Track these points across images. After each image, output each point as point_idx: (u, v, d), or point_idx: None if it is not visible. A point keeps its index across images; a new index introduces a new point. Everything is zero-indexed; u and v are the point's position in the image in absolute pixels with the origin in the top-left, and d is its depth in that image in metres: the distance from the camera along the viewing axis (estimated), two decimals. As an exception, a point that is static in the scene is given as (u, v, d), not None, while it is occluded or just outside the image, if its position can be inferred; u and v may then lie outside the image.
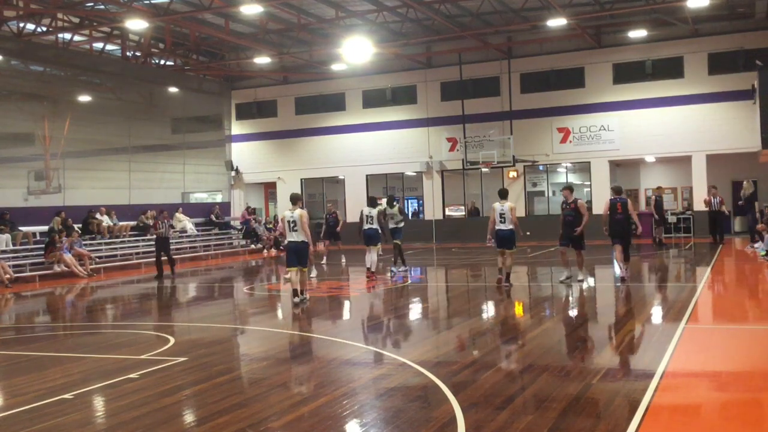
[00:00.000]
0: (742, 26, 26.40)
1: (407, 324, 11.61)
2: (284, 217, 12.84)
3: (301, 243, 12.68)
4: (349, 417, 6.25)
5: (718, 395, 6.69)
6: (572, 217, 14.31)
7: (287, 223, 12.69)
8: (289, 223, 12.67)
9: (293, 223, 12.60)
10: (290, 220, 12.64)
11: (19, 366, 8.79)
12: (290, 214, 12.67)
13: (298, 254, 12.76)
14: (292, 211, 12.69)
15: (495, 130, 29.18)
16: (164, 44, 28.61)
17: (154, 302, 15.65)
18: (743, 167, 26.88)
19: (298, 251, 12.74)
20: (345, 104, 32.33)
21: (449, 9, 25.20)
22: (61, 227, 21.16)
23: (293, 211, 12.67)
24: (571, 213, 14.37)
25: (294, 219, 12.59)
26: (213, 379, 7.68)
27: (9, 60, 25.56)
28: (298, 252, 12.74)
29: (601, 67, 28.42)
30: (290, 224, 12.65)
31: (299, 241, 12.68)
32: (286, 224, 12.71)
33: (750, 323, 10.46)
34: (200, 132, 33.76)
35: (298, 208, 12.76)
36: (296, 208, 12.70)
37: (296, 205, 12.81)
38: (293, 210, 12.69)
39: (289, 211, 12.76)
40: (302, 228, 12.61)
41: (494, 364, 7.86)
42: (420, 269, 18.48)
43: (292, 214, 12.65)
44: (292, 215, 12.65)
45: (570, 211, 14.39)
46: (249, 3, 21.39)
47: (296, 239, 12.68)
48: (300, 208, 12.78)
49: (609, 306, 12.57)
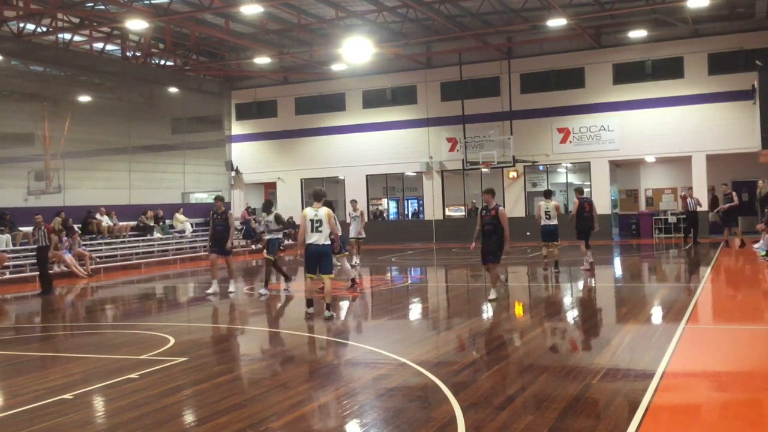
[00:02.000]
0: (742, 26, 26.40)
1: (407, 324, 11.60)
2: (305, 215, 11.41)
3: (324, 246, 11.29)
4: (349, 417, 6.25)
5: (718, 395, 6.69)
6: (492, 226, 12.39)
7: (310, 222, 11.27)
8: (312, 222, 11.28)
9: (318, 223, 11.26)
10: (314, 219, 11.28)
11: (19, 366, 8.79)
12: (313, 213, 11.32)
13: (320, 259, 11.35)
14: (316, 210, 11.35)
15: (495, 130, 29.19)
16: (164, 44, 28.62)
17: (154, 302, 15.65)
18: (743, 167, 26.90)
19: (320, 255, 11.32)
20: (345, 104, 32.34)
21: (449, 9, 25.20)
22: (61, 227, 21.16)
23: (318, 209, 11.35)
24: (491, 222, 12.42)
25: (320, 218, 11.26)
26: (213, 379, 7.68)
27: (9, 60, 25.57)
28: (320, 256, 11.33)
29: (601, 67, 28.42)
30: (314, 224, 11.28)
31: (321, 244, 11.26)
32: (308, 223, 11.28)
33: (750, 323, 10.45)
34: (200, 132, 33.78)
35: (323, 206, 11.48)
36: (321, 206, 11.41)
37: (320, 202, 11.51)
38: (317, 208, 11.37)
39: (311, 209, 11.41)
40: (330, 228, 11.39)
41: (494, 364, 7.86)
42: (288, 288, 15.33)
43: (317, 212, 11.31)
44: (316, 213, 11.30)
45: (490, 219, 12.44)
46: (249, 3, 21.40)
47: (319, 241, 11.25)
48: (325, 206, 11.49)
49: (609, 306, 12.57)
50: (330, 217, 11.35)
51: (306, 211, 11.42)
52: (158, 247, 25.40)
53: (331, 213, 11.40)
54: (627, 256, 22.44)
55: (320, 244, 11.23)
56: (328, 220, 11.28)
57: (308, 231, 11.24)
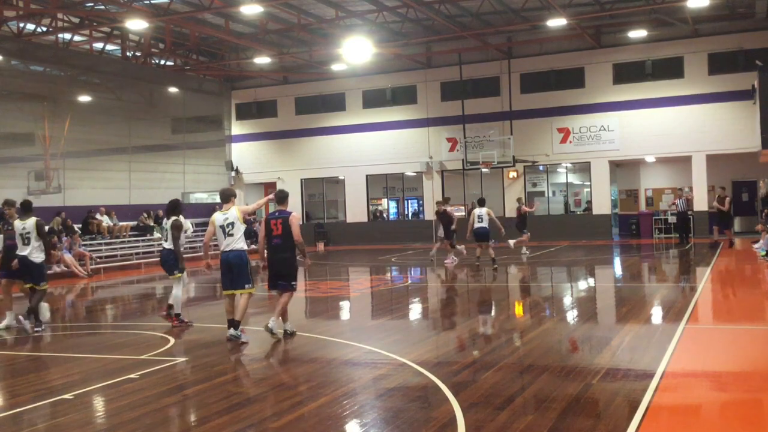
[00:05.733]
0: (742, 26, 26.39)
1: (407, 324, 11.60)
2: (213, 221, 9.73)
3: (239, 252, 9.58)
4: (349, 417, 6.25)
5: (718, 395, 6.69)
6: (280, 240, 9.61)
7: (220, 229, 9.61)
8: (223, 228, 9.59)
9: (230, 226, 9.58)
10: (224, 223, 9.61)
11: (19, 366, 8.79)
12: (222, 217, 9.62)
13: (232, 270, 9.57)
14: (225, 213, 9.63)
15: (495, 130, 29.19)
16: (164, 44, 28.61)
17: (154, 302, 15.64)
18: (743, 167, 26.90)
19: (233, 266, 9.57)
20: (345, 104, 32.34)
21: (449, 9, 25.20)
22: (61, 227, 21.16)
23: (226, 211, 9.64)
24: (279, 237, 9.62)
25: (231, 221, 9.59)
26: (213, 379, 7.68)
27: (9, 60, 25.58)
28: (233, 267, 9.57)
29: (601, 67, 28.41)
30: (225, 229, 9.59)
31: (235, 250, 9.57)
32: (218, 230, 9.62)
33: (750, 323, 10.45)
34: (200, 132, 33.78)
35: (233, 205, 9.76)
36: (231, 207, 9.70)
37: (229, 203, 9.78)
38: (226, 210, 9.66)
39: (220, 213, 9.68)
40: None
41: (494, 364, 7.86)
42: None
43: (226, 215, 9.61)
44: (226, 217, 9.60)
45: (278, 234, 9.62)
46: (249, 3, 21.40)
47: (232, 246, 9.56)
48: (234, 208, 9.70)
49: (609, 306, 12.57)
50: (244, 214, 9.73)
51: (214, 217, 9.72)
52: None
53: (243, 209, 9.87)
54: (627, 256, 22.44)
55: (234, 250, 9.53)
56: (240, 220, 9.60)
57: (219, 238, 9.62)
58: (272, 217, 9.71)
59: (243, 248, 9.63)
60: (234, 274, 9.59)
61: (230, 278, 9.61)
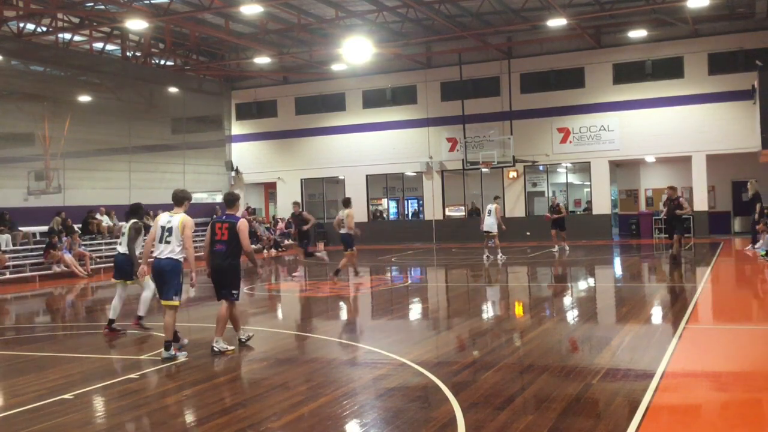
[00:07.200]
0: (742, 26, 26.39)
1: (407, 324, 11.60)
2: (158, 220, 8.99)
3: (170, 261, 8.75)
4: (349, 417, 6.25)
5: (718, 395, 6.69)
6: (224, 246, 8.92)
7: (160, 230, 8.83)
8: (162, 230, 8.81)
9: (168, 232, 8.76)
10: (165, 225, 8.82)
11: (19, 366, 8.78)
12: (167, 219, 8.85)
13: (162, 278, 8.79)
14: (171, 215, 8.86)
15: (495, 130, 29.19)
16: (164, 44, 28.61)
17: (154, 302, 15.60)
18: (743, 167, 26.89)
19: (162, 274, 8.77)
20: (345, 104, 32.34)
21: (449, 9, 25.20)
22: (61, 227, 21.16)
23: (173, 215, 8.85)
24: (223, 243, 8.93)
25: (171, 226, 8.76)
26: (213, 379, 7.68)
27: (9, 60, 25.57)
28: (163, 275, 8.78)
29: (601, 67, 28.41)
30: (163, 231, 8.81)
31: (166, 258, 8.75)
32: (158, 231, 8.85)
33: (750, 323, 10.45)
34: (200, 132, 33.78)
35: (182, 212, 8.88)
36: (180, 212, 8.87)
37: (181, 207, 8.91)
38: (174, 214, 8.86)
39: (167, 214, 8.94)
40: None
41: (494, 364, 7.86)
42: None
43: (170, 219, 8.81)
44: (169, 220, 8.81)
45: (223, 240, 8.93)
46: (249, 3, 21.40)
47: (163, 255, 8.78)
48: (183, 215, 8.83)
49: (609, 306, 12.57)
50: (185, 227, 8.67)
51: (159, 217, 9.00)
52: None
53: (188, 223, 8.71)
54: (627, 256, 22.44)
55: (164, 258, 8.71)
56: (182, 231, 8.68)
57: (156, 241, 8.84)
58: (218, 221, 9.02)
59: (179, 259, 8.77)
60: (162, 283, 8.76)
61: (159, 287, 8.85)
